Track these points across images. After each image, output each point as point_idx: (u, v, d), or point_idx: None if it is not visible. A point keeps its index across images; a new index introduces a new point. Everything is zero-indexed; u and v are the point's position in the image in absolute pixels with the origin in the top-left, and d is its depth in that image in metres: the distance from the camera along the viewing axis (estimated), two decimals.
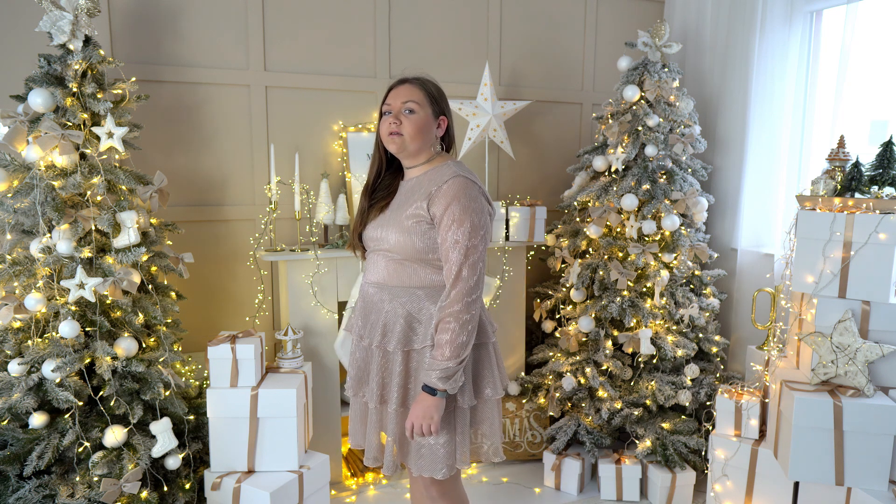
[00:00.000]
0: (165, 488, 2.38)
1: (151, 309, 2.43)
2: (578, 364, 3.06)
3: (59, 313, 2.26)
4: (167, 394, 2.41)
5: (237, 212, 3.02)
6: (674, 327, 3.06)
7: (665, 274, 2.98)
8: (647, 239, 3.04)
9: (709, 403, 2.98)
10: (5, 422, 2.22)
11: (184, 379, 2.61)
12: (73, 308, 2.26)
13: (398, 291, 1.83)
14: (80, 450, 2.24)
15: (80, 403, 2.26)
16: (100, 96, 2.32)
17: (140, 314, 2.40)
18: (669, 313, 3.05)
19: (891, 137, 2.36)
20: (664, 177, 3.07)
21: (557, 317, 3.30)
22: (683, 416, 2.97)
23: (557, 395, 3.06)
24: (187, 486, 2.45)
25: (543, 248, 3.53)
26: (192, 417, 2.52)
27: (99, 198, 2.32)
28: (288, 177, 3.01)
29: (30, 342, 2.24)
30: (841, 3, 2.85)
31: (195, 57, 2.89)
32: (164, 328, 2.50)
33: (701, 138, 3.16)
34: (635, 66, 3.09)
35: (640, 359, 3.01)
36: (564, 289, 3.24)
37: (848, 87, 2.83)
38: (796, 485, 2.45)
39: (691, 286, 3.20)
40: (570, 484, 2.99)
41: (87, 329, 2.30)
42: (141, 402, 2.35)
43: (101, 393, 2.29)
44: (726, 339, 3.28)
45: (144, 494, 2.25)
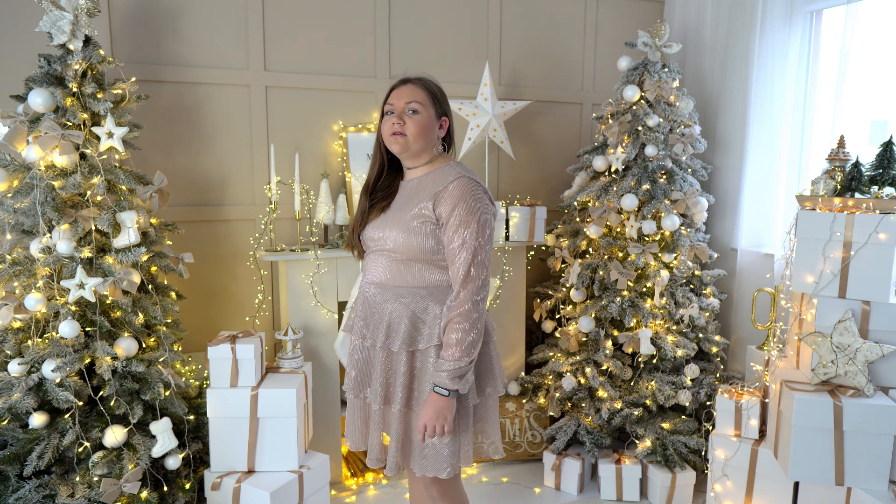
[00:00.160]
0: (165, 488, 2.38)
1: (151, 309, 2.43)
2: (578, 364, 3.06)
3: (59, 313, 2.26)
4: (167, 394, 2.41)
5: (237, 212, 3.02)
6: (674, 327, 3.06)
7: (665, 274, 2.98)
8: (647, 239, 3.04)
9: (709, 403, 2.98)
10: (5, 422, 2.22)
11: (184, 379, 2.61)
12: (73, 308, 2.26)
13: (402, 292, 1.82)
14: (80, 450, 2.24)
15: (80, 403, 2.26)
16: (100, 96, 2.32)
17: (140, 314, 2.40)
18: (669, 313, 3.05)
19: (891, 137, 2.36)
20: (664, 177, 3.07)
21: (557, 317, 3.29)
22: (683, 416, 2.97)
23: (557, 395, 3.06)
24: (187, 486, 2.45)
25: (543, 248, 3.53)
26: (192, 417, 2.52)
27: (99, 198, 2.32)
28: (288, 177, 3.01)
29: (30, 342, 2.24)
30: (841, 3, 2.85)
31: (195, 57, 2.89)
32: (164, 328, 2.50)
33: (701, 138, 3.16)
34: (635, 66, 3.08)
35: (640, 359, 3.01)
36: (564, 289, 3.24)
37: (848, 87, 2.83)
38: (796, 485, 2.45)
39: (691, 286, 3.19)
40: (570, 484, 2.99)
41: (87, 329, 2.30)
42: (141, 402, 2.35)
43: (101, 393, 2.29)
44: (726, 339, 3.28)
45: (144, 494, 2.25)
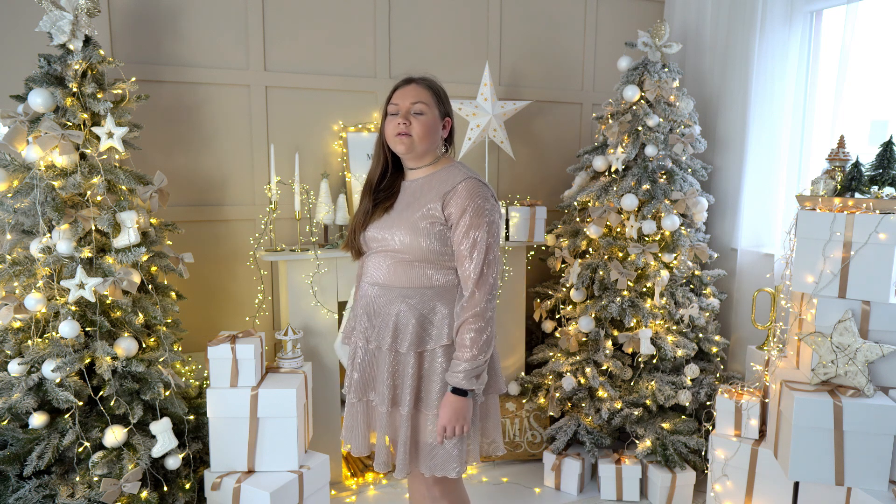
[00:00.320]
0: (165, 488, 2.38)
1: (151, 309, 2.43)
2: (578, 364, 3.06)
3: (59, 313, 2.26)
4: (167, 394, 2.40)
5: (237, 212, 3.02)
6: (674, 327, 3.06)
7: (665, 274, 2.98)
8: (647, 239, 3.04)
9: (709, 403, 2.98)
10: (5, 422, 2.22)
11: (184, 379, 2.61)
12: (73, 308, 2.26)
13: (407, 293, 1.81)
14: (80, 450, 2.24)
15: (80, 403, 2.26)
16: (100, 96, 2.32)
17: (140, 314, 2.40)
18: (669, 313, 3.05)
19: (891, 137, 2.36)
20: (664, 177, 3.07)
21: (557, 317, 3.29)
22: (683, 416, 2.97)
23: (557, 395, 3.06)
24: (187, 486, 2.45)
25: (543, 248, 3.53)
26: (192, 417, 2.52)
27: (99, 198, 2.32)
28: (288, 177, 3.01)
29: (30, 342, 2.24)
30: (841, 3, 2.85)
31: (195, 57, 2.89)
32: (164, 328, 2.50)
33: (701, 138, 3.16)
34: (635, 66, 3.08)
35: (640, 359, 3.01)
36: (564, 289, 3.24)
37: (848, 87, 2.83)
38: (796, 485, 2.45)
39: (691, 286, 3.19)
40: (570, 484, 2.99)
41: (87, 329, 2.29)
42: (141, 402, 2.35)
43: (101, 393, 2.29)
44: (726, 339, 3.28)
45: (144, 494, 2.25)
